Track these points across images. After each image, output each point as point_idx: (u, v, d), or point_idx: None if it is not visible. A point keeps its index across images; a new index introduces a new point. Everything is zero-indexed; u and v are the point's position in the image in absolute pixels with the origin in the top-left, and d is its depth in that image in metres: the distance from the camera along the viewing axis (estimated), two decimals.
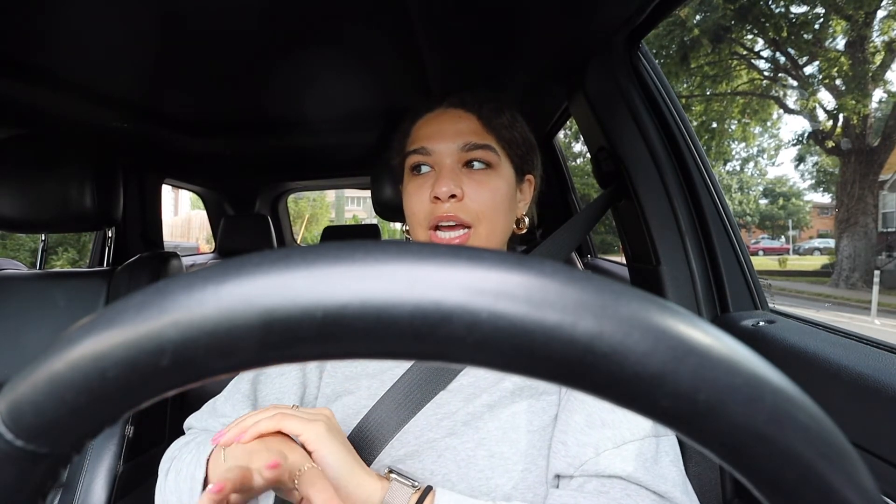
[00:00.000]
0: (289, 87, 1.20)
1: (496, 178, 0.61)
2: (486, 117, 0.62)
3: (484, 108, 0.62)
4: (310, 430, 0.44)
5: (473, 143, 0.60)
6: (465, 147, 0.60)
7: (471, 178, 0.60)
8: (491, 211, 0.60)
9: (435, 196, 0.58)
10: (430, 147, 0.61)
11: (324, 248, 0.14)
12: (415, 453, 0.53)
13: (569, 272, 0.13)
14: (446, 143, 0.60)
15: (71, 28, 0.85)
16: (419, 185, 0.61)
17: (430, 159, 0.61)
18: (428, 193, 0.60)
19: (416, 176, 0.62)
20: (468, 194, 0.59)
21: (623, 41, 0.87)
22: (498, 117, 0.62)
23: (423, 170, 0.62)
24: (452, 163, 0.60)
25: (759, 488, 0.14)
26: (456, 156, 0.60)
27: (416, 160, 0.62)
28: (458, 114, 0.63)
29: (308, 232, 14.72)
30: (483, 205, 0.59)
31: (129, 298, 0.14)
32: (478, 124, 0.62)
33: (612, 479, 0.48)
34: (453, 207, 0.59)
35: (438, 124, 0.62)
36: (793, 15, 8.87)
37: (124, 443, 0.92)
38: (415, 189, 0.62)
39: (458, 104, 0.63)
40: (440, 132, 0.61)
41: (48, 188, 0.93)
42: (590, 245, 1.90)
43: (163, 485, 0.53)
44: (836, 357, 0.56)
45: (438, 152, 0.61)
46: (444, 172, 0.59)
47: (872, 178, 8.92)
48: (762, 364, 0.14)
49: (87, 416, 0.14)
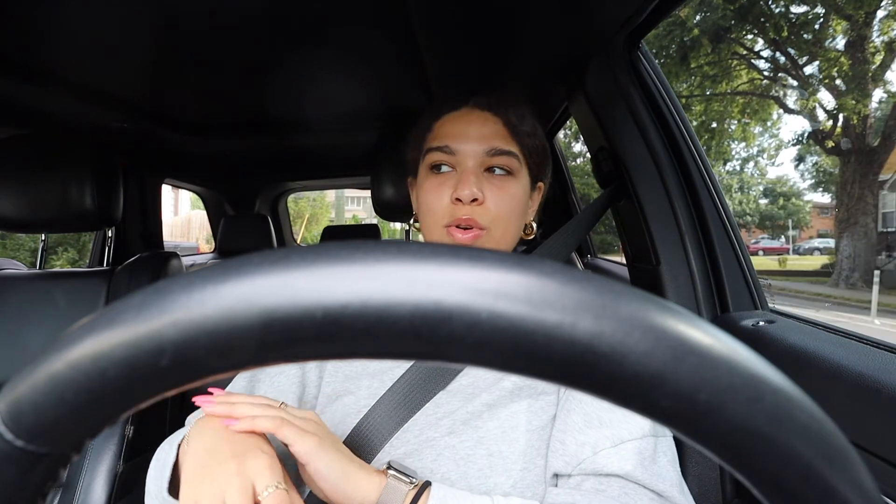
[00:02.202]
0: (289, 87, 1.20)
1: (515, 184, 0.61)
2: (511, 124, 0.61)
3: (510, 114, 0.62)
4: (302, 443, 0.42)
5: (499, 148, 0.60)
6: (490, 152, 0.60)
7: (491, 183, 0.60)
8: (506, 217, 0.60)
9: (457, 198, 0.58)
10: (455, 147, 0.60)
11: (324, 248, 0.14)
12: (414, 452, 0.53)
13: (569, 272, 0.13)
14: (471, 145, 0.60)
15: (71, 28, 0.85)
16: (439, 183, 0.60)
17: (453, 159, 0.60)
18: (448, 193, 0.59)
19: (436, 174, 0.61)
20: (488, 199, 0.59)
21: (623, 41, 0.87)
22: (522, 124, 0.62)
23: (443, 169, 0.61)
24: (475, 165, 0.60)
25: (759, 488, 0.14)
26: (480, 159, 0.60)
27: (437, 158, 0.61)
28: (484, 116, 0.62)
29: (308, 232, 14.72)
30: (501, 210, 0.59)
31: (129, 298, 0.14)
32: (504, 130, 0.61)
33: (610, 478, 0.48)
34: (473, 211, 0.58)
35: (465, 125, 0.61)
36: (793, 15, 8.88)
37: (124, 443, 0.92)
38: (433, 187, 0.61)
39: (484, 106, 0.62)
40: (465, 133, 0.60)
41: (48, 188, 0.93)
42: (590, 245, 1.90)
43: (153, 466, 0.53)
44: (836, 357, 0.56)
45: (462, 153, 0.60)
46: (467, 175, 0.59)
47: (872, 178, 8.92)
48: (762, 364, 0.14)
49: (87, 416, 0.14)
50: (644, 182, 0.85)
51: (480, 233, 0.59)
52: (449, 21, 0.87)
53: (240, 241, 2.42)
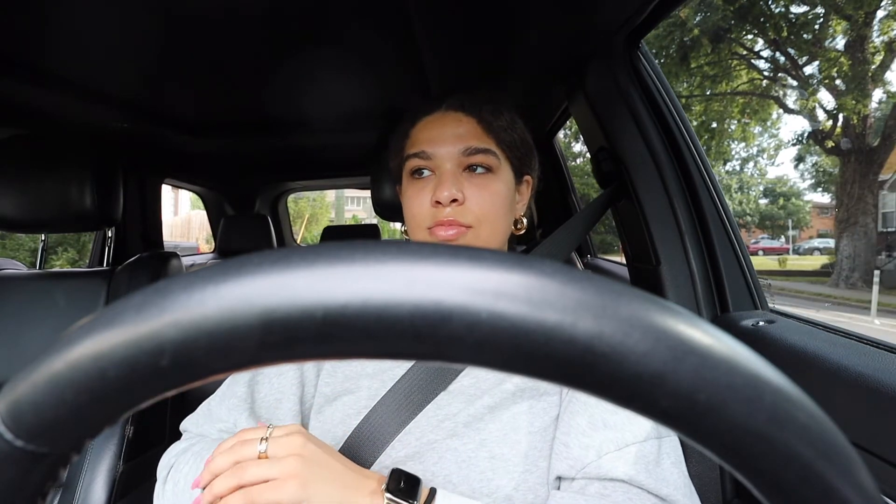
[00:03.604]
0: (289, 87, 1.20)
1: (496, 181, 0.61)
2: (486, 120, 0.61)
3: (484, 111, 0.62)
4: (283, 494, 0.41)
5: (474, 147, 0.60)
6: (466, 151, 0.60)
7: (471, 182, 0.60)
8: (492, 214, 0.60)
9: (436, 200, 0.58)
10: (431, 151, 0.60)
11: (324, 248, 0.14)
12: (416, 455, 0.53)
13: (569, 272, 0.13)
14: (447, 147, 0.60)
15: (71, 28, 0.85)
16: (419, 188, 0.61)
17: (431, 163, 0.61)
18: (429, 197, 0.59)
19: (417, 179, 0.62)
20: (469, 198, 0.59)
21: (623, 41, 0.87)
22: (497, 119, 0.62)
23: (424, 174, 0.61)
24: (453, 167, 0.60)
25: (759, 488, 0.14)
26: (457, 160, 0.60)
27: (416, 164, 0.61)
28: (458, 117, 0.62)
29: (308, 232, 14.72)
30: (484, 208, 0.59)
31: (129, 298, 0.14)
32: (478, 128, 0.61)
33: (615, 483, 0.48)
34: (454, 212, 0.58)
35: (439, 128, 0.62)
36: (793, 15, 8.88)
37: (124, 443, 0.92)
38: (415, 193, 0.61)
39: (457, 107, 0.63)
40: (441, 136, 0.61)
41: (48, 188, 0.93)
42: (590, 245, 1.90)
43: (161, 492, 0.53)
44: (836, 357, 0.56)
45: (439, 156, 0.60)
46: (445, 177, 0.59)
47: (872, 178, 8.92)
48: (762, 364, 0.14)
49: (87, 416, 0.14)
50: (644, 182, 0.85)
51: (463, 230, 0.59)
52: (449, 21, 0.87)
53: (240, 241, 2.42)
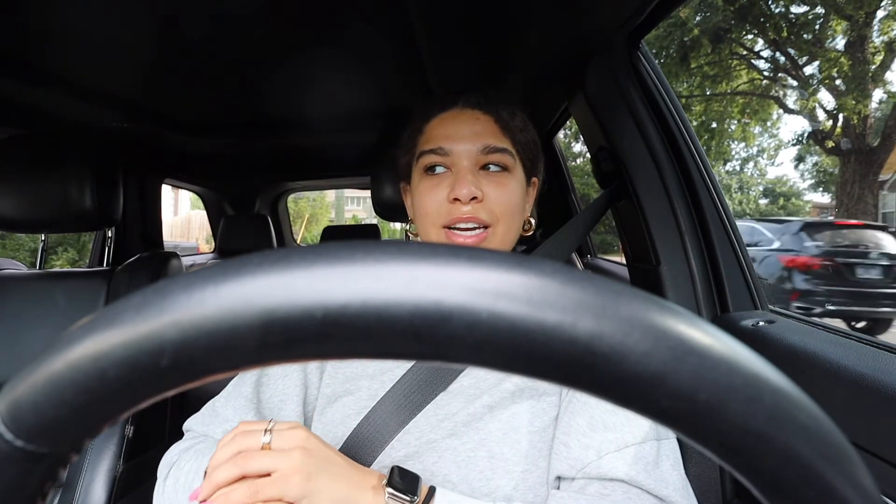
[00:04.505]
0: (289, 88, 1.20)
1: (512, 180, 0.61)
2: (503, 120, 0.61)
3: (501, 110, 0.62)
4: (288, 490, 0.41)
5: (493, 146, 0.60)
6: (484, 150, 0.60)
7: (488, 180, 0.60)
8: (508, 213, 0.60)
9: (455, 198, 0.58)
10: (448, 147, 0.60)
11: (324, 248, 0.14)
12: (415, 454, 0.53)
13: (569, 272, 0.13)
14: (465, 144, 0.60)
15: (71, 28, 0.85)
16: (434, 184, 0.60)
17: (447, 160, 0.60)
18: (445, 193, 0.59)
19: (431, 176, 0.61)
20: (487, 196, 0.59)
21: (623, 41, 0.87)
22: (513, 120, 0.62)
23: (438, 170, 0.61)
24: (470, 164, 0.60)
25: (758, 488, 0.14)
26: (474, 158, 0.60)
27: (431, 160, 0.61)
28: (475, 115, 0.62)
29: (308, 232, 14.71)
30: (502, 206, 0.59)
31: (129, 298, 0.14)
32: (495, 127, 0.61)
33: (614, 483, 0.48)
34: (473, 209, 0.58)
35: (456, 125, 0.61)
36: (793, 15, 8.87)
37: (124, 443, 0.92)
38: (429, 188, 0.61)
39: (474, 104, 0.62)
40: (458, 133, 0.60)
41: (48, 188, 0.93)
42: (590, 245, 1.90)
43: (161, 490, 0.53)
44: (836, 357, 0.56)
45: (456, 153, 0.60)
46: (463, 174, 0.59)
47: (872, 178, 8.91)
48: (762, 364, 0.14)
49: (87, 416, 0.14)
50: (644, 182, 0.85)
51: (486, 232, 0.59)
52: (449, 21, 0.87)
53: (240, 241, 2.42)
